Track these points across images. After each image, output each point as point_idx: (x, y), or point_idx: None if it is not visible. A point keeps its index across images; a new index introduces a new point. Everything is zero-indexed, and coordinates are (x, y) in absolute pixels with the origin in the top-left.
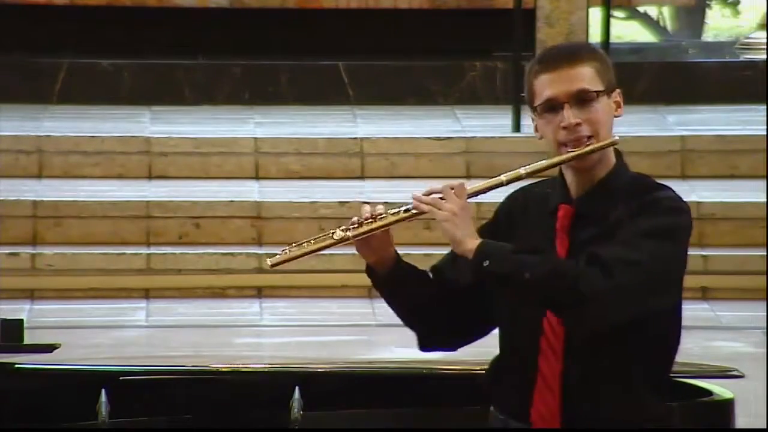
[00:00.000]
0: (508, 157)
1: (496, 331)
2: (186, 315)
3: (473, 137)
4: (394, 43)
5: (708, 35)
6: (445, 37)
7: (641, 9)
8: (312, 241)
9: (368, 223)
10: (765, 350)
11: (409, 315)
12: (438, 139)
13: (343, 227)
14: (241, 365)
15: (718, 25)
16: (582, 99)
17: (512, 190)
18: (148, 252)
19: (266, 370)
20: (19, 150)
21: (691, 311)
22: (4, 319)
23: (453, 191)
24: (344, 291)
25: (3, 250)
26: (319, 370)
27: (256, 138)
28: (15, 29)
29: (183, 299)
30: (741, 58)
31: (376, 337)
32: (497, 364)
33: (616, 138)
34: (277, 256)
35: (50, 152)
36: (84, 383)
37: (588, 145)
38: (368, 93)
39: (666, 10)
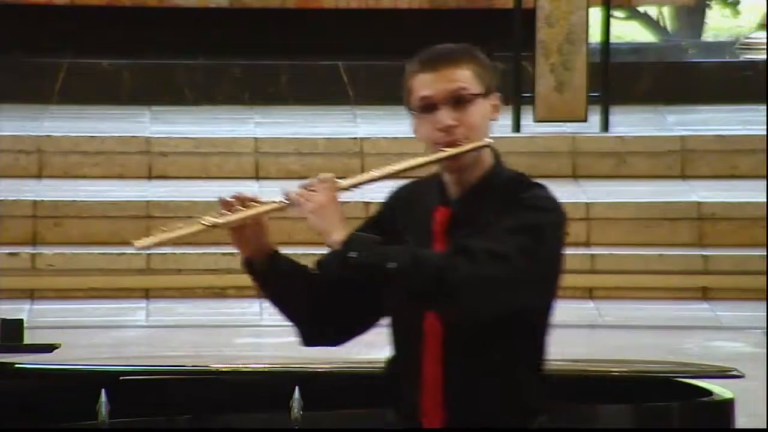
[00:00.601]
0: (508, 157)
1: None
2: (186, 315)
3: None
4: (394, 43)
5: (708, 35)
6: (445, 37)
7: (641, 9)
8: (181, 226)
9: (238, 210)
10: (765, 350)
11: (291, 311)
12: None
13: (214, 213)
14: (241, 365)
15: (718, 25)
16: (458, 100)
17: (399, 187)
18: (148, 252)
19: (266, 370)
20: (19, 150)
21: (691, 311)
22: (4, 319)
23: (323, 184)
24: None
25: (3, 250)
26: (319, 370)
27: (256, 138)
28: (15, 29)
29: (183, 299)
30: (741, 58)
31: (375, 337)
32: (392, 367)
33: (489, 141)
34: (145, 240)
35: (50, 152)
36: (84, 383)
37: (460, 146)
38: (368, 93)
39: (666, 10)
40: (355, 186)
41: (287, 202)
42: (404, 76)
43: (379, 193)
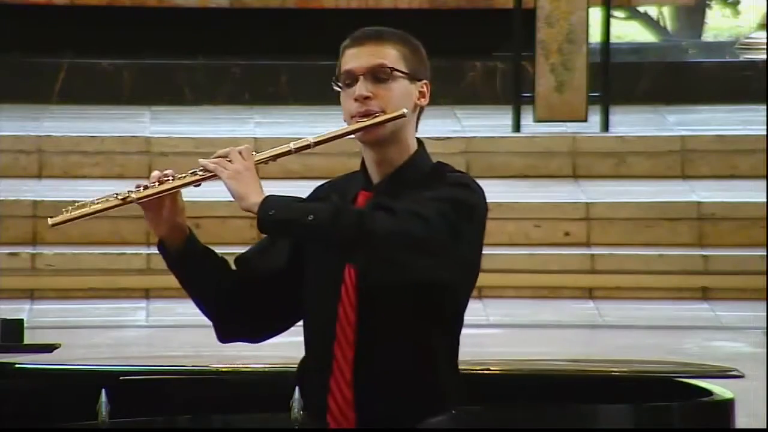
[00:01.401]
0: (508, 157)
1: None
2: (186, 315)
3: (473, 137)
4: None
5: (708, 35)
6: (445, 37)
7: (641, 9)
8: (96, 202)
9: (155, 186)
10: (765, 350)
11: (205, 301)
12: (438, 139)
13: (131, 189)
14: (241, 365)
15: (718, 25)
16: (377, 75)
17: (321, 184)
18: (148, 252)
19: (266, 370)
20: (19, 150)
21: (691, 311)
22: (4, 319)
23: (240, 154)
24: None
25: (3, 250)
26: None
27: (256, 138)
28: (15, 29)
29: (183, 299)
30: (741, 58)
31: None
32: (302, 361)
33: (403, 111)
34: (59, 216)
35: (50, 152)
36: (84, 383)
37: (375, 117)
38: None
39: (666, 10)
40: (271, 158)
41: (202, 173)
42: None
43: None
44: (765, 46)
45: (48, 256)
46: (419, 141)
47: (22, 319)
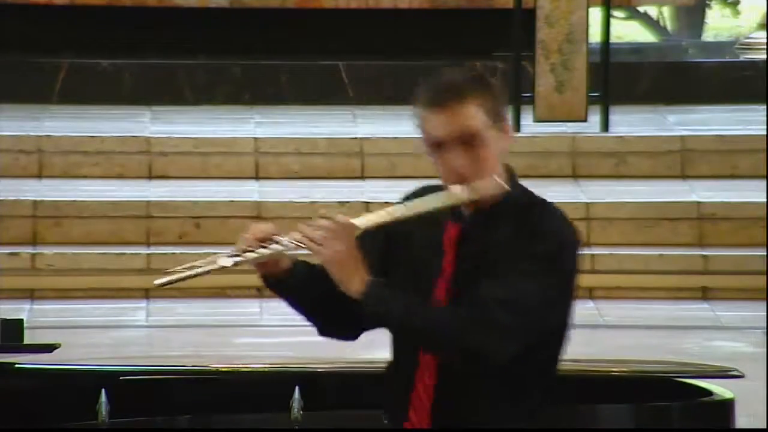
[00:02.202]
0: (508, 157)
1: None
2: (186, 315)
3: None
4: (394, 43)
5: (708, 35)
6: (445, 37)
7: (641, 9)
8: (199, 265)
9: (253, 251)
10: (765, 350)
11: (305, 310)
12: None
13: (230, 253)
14: (241, 365)
15: (718, 25)
16: (467, 140)
17: (410, 194)
18: (148, 252)
19: (266, 370)
20: (19, 150)
21: (691, 311)
22: (4, 319)
23: (340, 228)
24: None
25: (3, 250)
26: (319, 370)
27: (256, 138)
28: (15, 29)
29: (183, 299)
30: (741, 58)
31: (376, 337)
32: (387, 371)
33: (505, 187)
34: (164, 278)
35: (50, 152)
36: (84, 383)
37: (475, 190)
38: (368, 93)
39: (666, 10)
40: (369, 227)
41: (302, 246)
42: (414, 109)
43: (377, 193)
44: (765, 46)
45: (48, 256)
46: (509, 169)
47: (22, 319)
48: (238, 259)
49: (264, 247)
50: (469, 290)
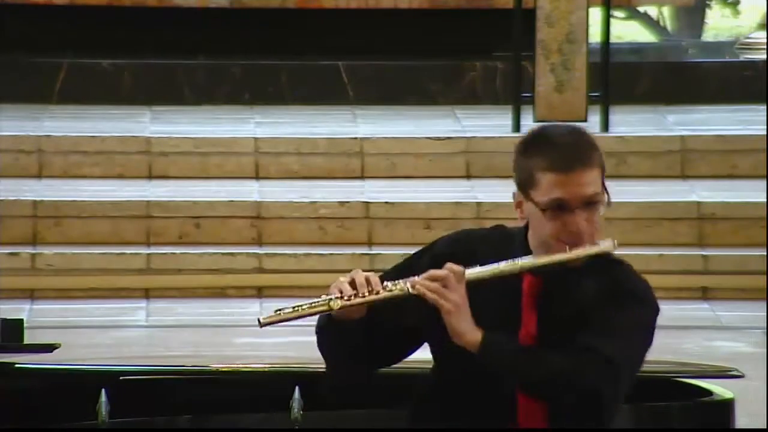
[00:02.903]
0: (508, 157)
1: None
2: (186, 315)
3: (473, 137)
4: (394, 43)
5: (708, 35)
6: (445, 37)
7: (641, 9)
8: (307, 307)
9: (363, 295)
10: (765, 350)
11: (337, 355)
12: (438, 139)
13: (339, 296)
14: (241, 365)
15: (718, 25)
16: (591, 203)
17: (465, 230)
18: (148, 252)
19: (266, 370)
20: (19, 150)
21: (691, 311)
22: (4, 319)
23: (456, 279)
24: None
25: (3, 250)
26: (319, 370)
27: (256, 138)
28: (15, 29)
29: (183, 299)
30: (741, 58)
31: None
32: (430, 386)
33: (614, 244)
34: (270, 316)
35: (50, 152)
36: (84, 383)
37: (585, 249)
38: (368, 93)
39: (666, 10)
40: (479, 279)
41: (415, 293)
42: (522, 157)
43: (377, 193)
44: (765, 46)
45: (48, 256)
46: None
47: (22, 319)
48: (353, 300)
49: (372, 292)
50: (558, 341)
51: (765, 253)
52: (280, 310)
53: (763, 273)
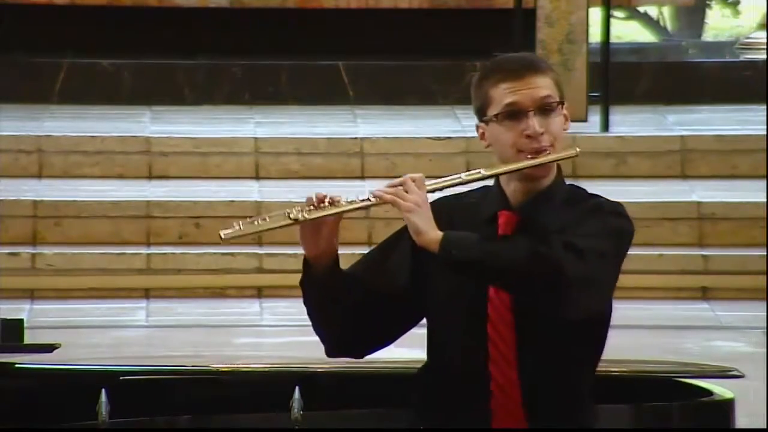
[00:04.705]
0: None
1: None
2: (186, 315)
3: (473, 137)
4: (394, 43)
5: (708, 35)
6: (445, 37)
7: (641, 9)
8: (267, 218)
9: (324, 207)
10: (765, 350)
11: (326, 320)
12: (438, 139)
13: (299, 208)
14: (241, 365)
15: (718, 25)
16: (545, 108)
17: (442, 196)
18: (148, 252)
19: (266, 370)
20: (19, 150)
21: (691, 311)
22: (4, 319)
23: (414, 183)
24: None
25: (3, 250)
26: (319, 370)
27: (256, 138)
28: (15, 29)
29: (183, 299)
30: (741, 58)
31: None
32: (428, 375)
33: (577, 151)
34: (230, 231)
35: (50, 152)
36: (84, 383)
37: (547, 154)
38: (368, 93)
39: (666, 10)
40: (441, 188)
41: (373, 201)
42: (477, 86)
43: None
44: (765, 46)
45: (48, 256)
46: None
47: (22, 319)
48: (307, 216)
49: (333, 204)
50: None
51: (765, 253)
52: (239, 223)
53: (763, 273)
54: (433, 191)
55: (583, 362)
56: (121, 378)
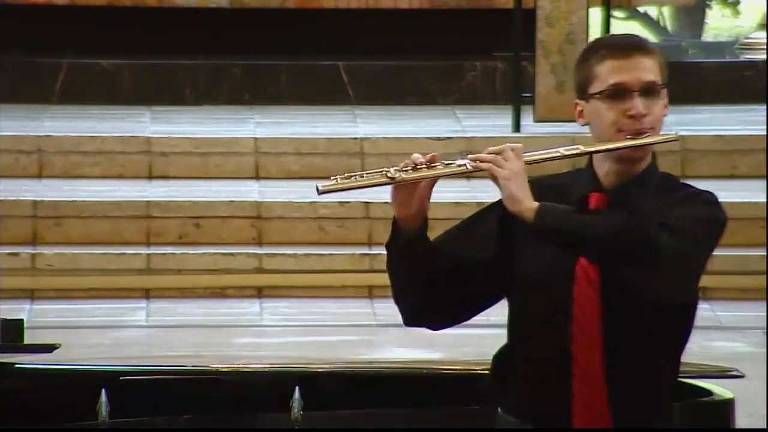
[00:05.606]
0: None
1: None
2: (186, 315)
3: (473, 137)
4: (394, 43)
5: (708, 35)
6: (445, 37)
7: (641, 9)
8: (365, 175)
9: (422, 169)
10: (765, 350)
11: (410, 286)
12: (438, 139)
13: (396, 168)
14: (241, 365)
15: (718, 25)
16: (650, 91)
17: (534, 177)
18: (148, 252)
19: (266, 370)
20: (19, 150)
21: None
22: (4, 319)
23: (513, 153)
24: (344, 291)
25: (3, 250)
26: (319, 370)
27: (256, 138)
28: (15, 29)
29: (183, 299)
30: (741, 58)
31: (376, 337)
32: (509, 358)
33: (677, 134)
34: (328, 184)
35: (50, 152)
36: (84, 383)
37: (648, 136)
38: (368, 93)
39: (666, 10)
40: (537, 161)
41: (473, 166)
42: (581, 62)
43: (377, 193)
44: (765, 46)
45: (48, 256)
46: (653, 151)
47: (22, 319)
48: (405, 176)
49: (430, 167)
50: None
51: (765, 253)
52: (336, 177)
53: (763, 273)
54: (530, 163)
55: (665, 354)
56: (121, 378)
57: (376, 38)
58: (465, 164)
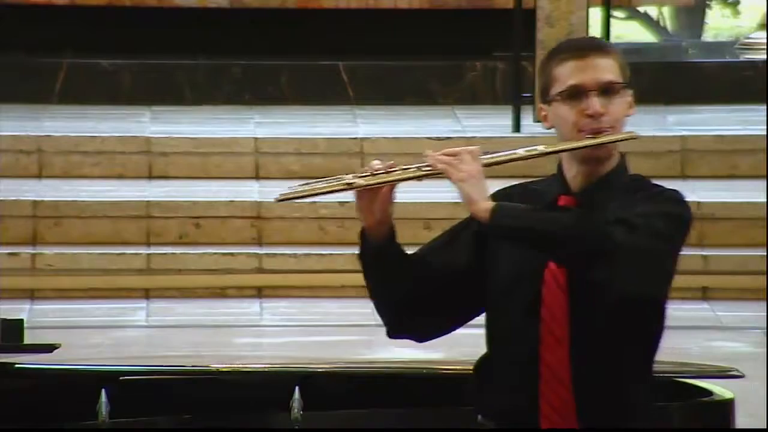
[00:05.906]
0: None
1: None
2: (186, 315)
3: (473, 137)
4: (394, 43)
5: (708, 35)
6: (445, 37)
7: (641, 9)
8: (323, 182)
9: (380, 175)
10: (765, 350)
11: (388, 296)
12: (438, 139)
13: (355, 174)
14: (241, 365)
15: (718, 25)
16: (607, 90)
17: (508, 186)
18: (148, 252)
19: (266, 370)
20: (19, 150)
21: (691, 311)
22: (4, 319)
23: (470, 155)
24: (344, 291)
25: (3, 250)
26: (319, 370)
27: (256, 138)
28: (15, 29)
29: (183, 299)
30: (741, 58)
31: (376, 337)
32: (486, 364)
33: (635, 133)
34: (286, 191)
35: (50, 152)
36: (84, 383)
37: (607, 135)
38: (368, 93)
39: (666, 10)
40: (497, 163)
41: (429, 170)
42: (543, 66)
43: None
44: (765, 46)
45: (48, 256)
46: (621, 151)
47: (22, 319)
48: (362, 181)
49: (388, 172)
50: None
51: (765, 253)
52: (294, 186)
53: (763, 273)
54: (489, 165)
55: (635, 355)
56: (121, 378)
57: (376, 38)
58: (420, 166)
